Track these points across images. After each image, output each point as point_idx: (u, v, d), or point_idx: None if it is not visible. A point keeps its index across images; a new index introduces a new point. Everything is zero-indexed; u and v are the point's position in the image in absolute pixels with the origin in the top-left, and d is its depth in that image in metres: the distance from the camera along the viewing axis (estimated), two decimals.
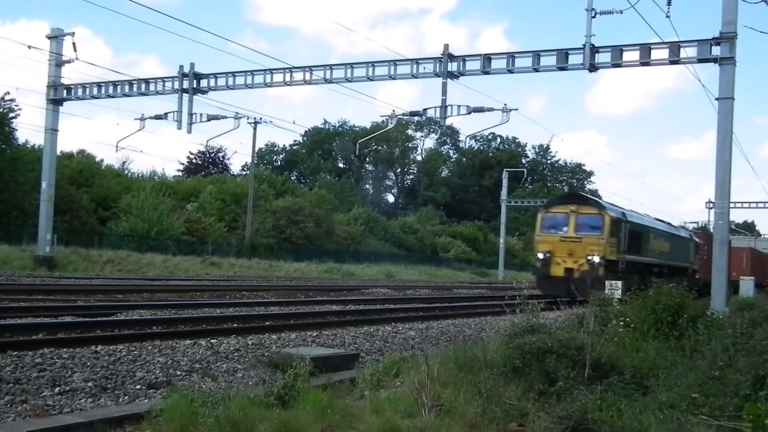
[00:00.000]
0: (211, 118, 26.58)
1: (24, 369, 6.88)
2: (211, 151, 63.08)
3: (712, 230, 25.11)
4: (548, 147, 75.09)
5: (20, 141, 38.23)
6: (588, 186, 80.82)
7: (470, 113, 23.98)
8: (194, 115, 25.92)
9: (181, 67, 25.18)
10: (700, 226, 58.22)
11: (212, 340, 9.38)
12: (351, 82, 23.10)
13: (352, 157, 78.26)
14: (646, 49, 19.05)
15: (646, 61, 19.10)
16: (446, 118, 22.77)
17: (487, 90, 46.00)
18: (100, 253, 31.54)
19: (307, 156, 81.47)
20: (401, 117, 31.33)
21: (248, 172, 51.08)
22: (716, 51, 17.41)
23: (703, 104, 73.10)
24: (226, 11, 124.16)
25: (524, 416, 6.00)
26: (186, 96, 25.34)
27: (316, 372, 7.33)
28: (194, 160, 64.32)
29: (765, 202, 55.42)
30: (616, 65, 19.46)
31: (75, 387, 6.61)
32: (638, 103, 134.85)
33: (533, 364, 7.01)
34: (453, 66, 21.79)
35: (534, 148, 75.77)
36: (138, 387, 6.97)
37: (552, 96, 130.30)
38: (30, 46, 34.21)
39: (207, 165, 64.19)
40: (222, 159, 64.75)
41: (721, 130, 17.03)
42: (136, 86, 26.46)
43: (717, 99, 17.05)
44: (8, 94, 34.30)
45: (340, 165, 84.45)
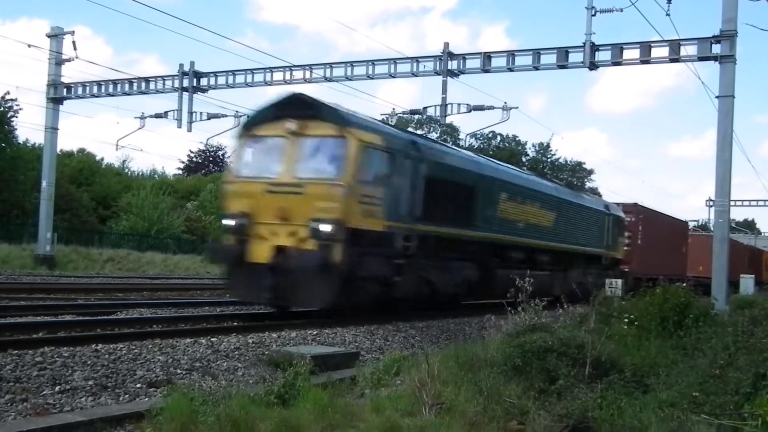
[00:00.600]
0: (211, 116, 26.59)
1: (24, 368, 6.88)
2: (212, 149, 63.06)
3: (713, 228, 24.96)
4: (548, 145, 75.04)
5: (20, 140, 38.32)
6: (588, 184, 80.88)
7: (470, 111, 23.99)
8: (194, 114, 25.95)
9: (181, 65, 25.19)
10: (700, 224, 58.22)
11: (212, 339, 9.37)
12: (351, 80, 23.10)
13: None
14: (646, 47, 19.04)
15: (646, 60, 19.09)
16: (446, 116, 22.77)
17: (488, 88, 46.17)
18: (100, 251, 31.55)
19: None
20: (401, 115, 31.34)
21: None
22: (716, 49, 17.40)
23: (703, 102, 73.29)
24: (226, 10, 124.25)
25: (525, 414, 6.01)
26: (186, 94, 25.36)
27: (316, 370, 7.32)
28: (194, 159, 64.31)
29: (765, 200, 55.44)
30: (617, 63, 19.45)
31: (75, 386, 6.61)
32: (639, 101, 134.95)
33: (534, 363, 7.02)
34: (453, 64, 21.78)
35: (534, 146, 75.75)
36: (138, 385, 6.97)
37: (553, 94, 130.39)
38: (30, 45, 34.52)
39: (207, 163, 64.18)
40: (222, 157, 64.76)
41: (721, 129, 17.02)
42: (136, 85, 26.46)
43: (717, 97, 17.04)
44: (8, 93, 34.41)
45: None
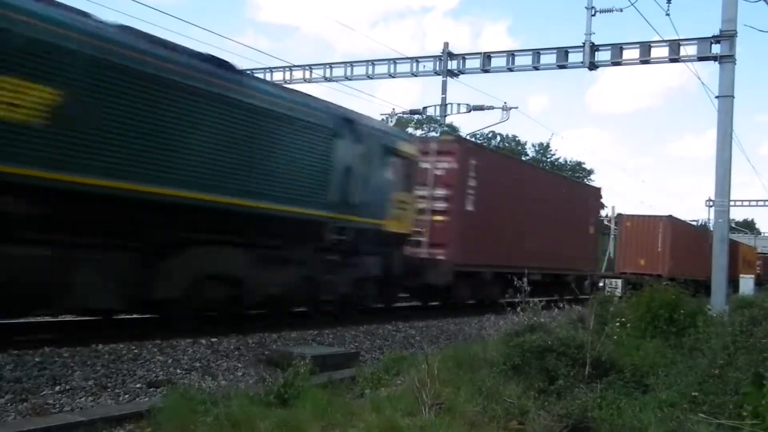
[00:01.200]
0: None
1: (24, 368, 6.89)
2: None
3: (713, 228, 24.88)
4: (548, 145, 75.07)
5: None
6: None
7: (470, 111, 24.07)
8: None
9: None
10: (700, 224, 58.15)
11: (212, 339, 9.38)
12: (351, 80, 23.15)
13: None
14: (646, 47, 19.07)
15: (646, 60, 19.12)
16: (446, 116, 22.80)
17: (488, 88, 46.10)
18: None
19: None
20: (401, 115, 31.38)
21: None
22: (716, 49, 17.43)
23: (704, 102, 73.21)
24: (226, 10, 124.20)
25: (524, 414, 6.01)
26: None
27: (316, 370, 7.33)
28: None
29: (765, 200, 55.49)
30: (616, 63, 19.48)
31: (75, 385, 6.62)
32: (640, 101, 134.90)
33: (533, 363, 7.03)
34: (453, 64, 21.81)
35: (534, 146, 75.79)
36: (138, 385, 6.98)
37: (553, 94, 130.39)
38: None
39: None
40: None
41: (721, 128, 17.04)
42: None
43: (717, 97, 17.06)
44: None
45: None
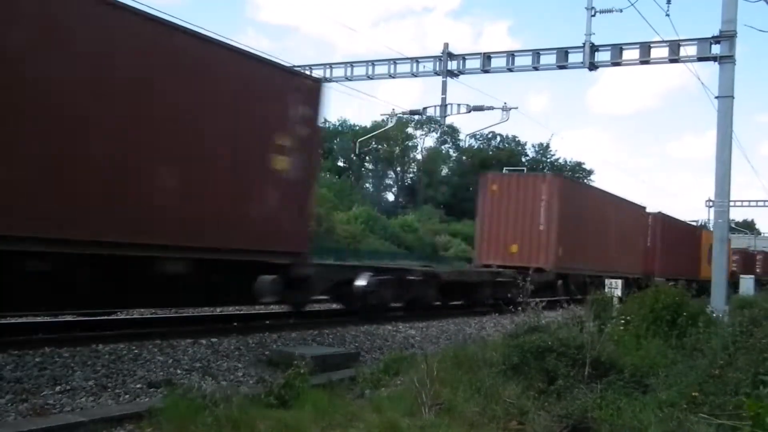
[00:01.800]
0: None
1: (25, 368, 6.89)
2: None
3: (712, 228, 24.93)
4: (548, 145, 75.05)
5: None
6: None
7: (470, 112, 24.05)
8: None
9: None
10: (700, 224, 58.14)
11: (213, 339, 9.38)
12: (350, 80, 23.13)
13: (352, 155, 78.16)
14: (645, 47, 19.07)
15: (645, 60, 19.11)
16: (446, 116, 22.81)
17: (489, 88, 46.17)
18: None
19: None
20: (401, 116, 31.40)
21: None
22: (716, 49, 17.42)
23: (704, 102, 73.36)
24: (227, 9, 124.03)
25: (524, 415, 6.02)
26: None
27: (316, 371, 7.33)
28: None
29: (765, 201, 55.49)
30: (616, 64, 19.48)
31: (75, 386, 6.62)
32: (640, 102, 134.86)
33: (533, 363, 7.03)
34: (453, 64, 21.81)
35: (534, 146, 75.74)
36: (138, 386, 6.98)
37: (554, 94, 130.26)
38: None
39: None
40: None
41: (720, 129, 17.04)
42: None
43: (717, 97, 17.06)
44: None
45: (340, 164, 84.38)
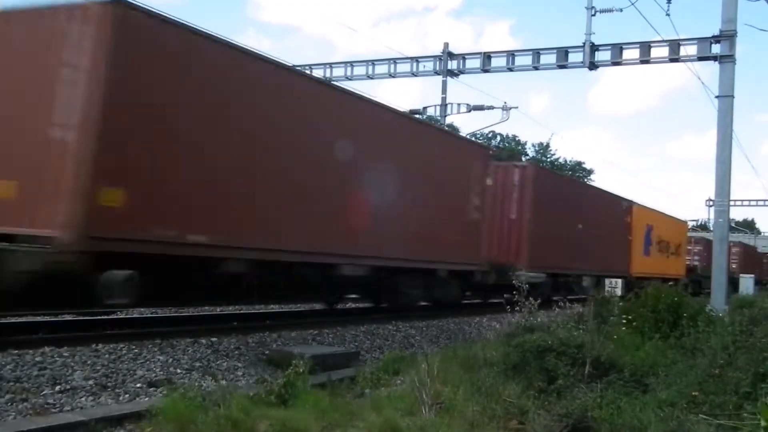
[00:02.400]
0: None
1: (24, 367, 6.88)
2: None
3: (712, 228, 24.94)
4: (548, 145, 75.09)
5: None
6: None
7: (470, 111, 24.07)
8: None
9: None
10: (699, 224, 58.20)
11: (213, 339, 9.38)
12: (351, 80, 23.15)
13: None
14: (646, 47, 19.07)
15: (646, 59, 19.12)
16: (446, 116, 22.81)
17: (489, 88, 46.26)
18: None
19: None
20: None
21: None
22: (716, 49, 17.43)
23: (705, 102, 73.22)
24: (227, 10, 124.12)
25: (524, 414, 6.02)
26: None
27: (316, 370, 7.33)
28: None
29: (765, 200, 55.49)
30: (616, 63, 19.48)
31: (75, 385, 6.61)
32: (641, 101, 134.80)
33: (533, 362, 7.04)
34: (453, 64, 21.82)
35: (534, 146, 75.79)
36: (138, 385, 6.97)
37: (555, 94, 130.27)
38: None
39: None
40: None
41: (721, 128, 17.04)
42: None
43: (717, 97, 17.06)
44: None
45: None
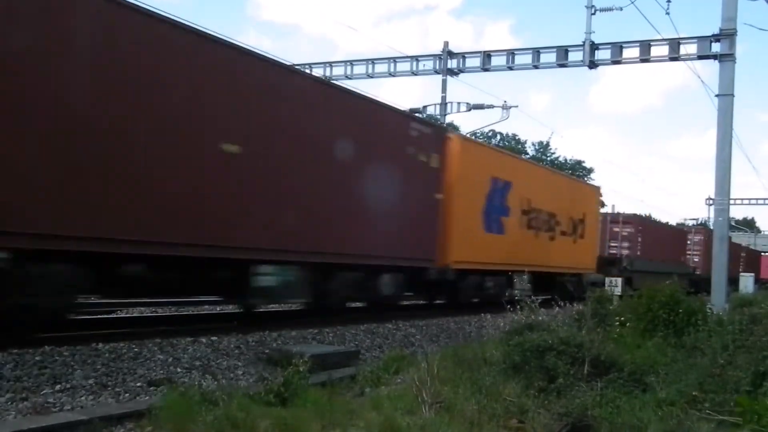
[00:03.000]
0: None
1: (24, 366, 6.89)
2: None
3: (713, 227, 24.93)
4: (548, 144, 75.04)
5: None
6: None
7: (470, 110, 24.04)
8: None
9: None
10: (699, 223, 58.19)
11: (213, 338, 9.39)
12: (351, 79, 23.14)
13: None
14: (645, 45, 19.07)
15: (646, 58, 19.12)
16: (446, 115, 22.80)
17: (491, 87, 46.29)
18: None
19: None
20: None
21: None
22: (716, 48, 17.42)
23: (706, 101, 73.23)
24: (228, 8, 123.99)
25: (524, 413, 6.02)
26: None
27: (316, 369, 7.33)
28: None
29: (765, 199, 55.49)
30: (616, 62, 19.49)
31: (75, 384, 6.62)
32: (642, 100, 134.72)
33: (533, 361, 7.04)
34: (453, 63, 21.82)
35: (534, 144, 75.75)
36: (138, 384, 6.98)
37: (555, 93, 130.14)
38: None
39: None
40: None
41: (721, 127, 17.04)
42: None
43: (717, 96, 17.06)
44: None
45: None
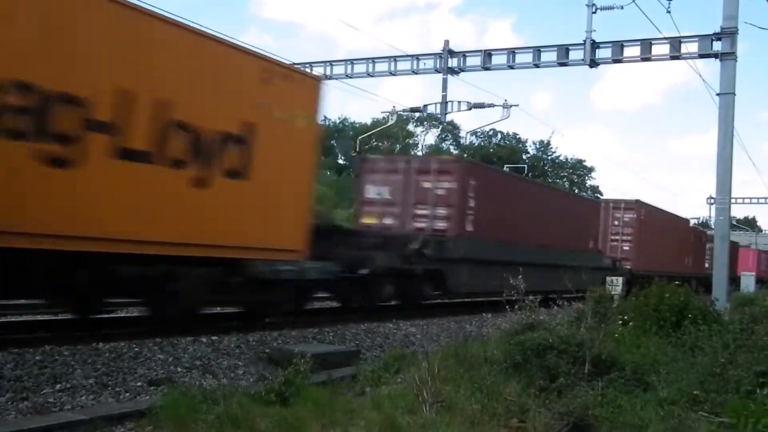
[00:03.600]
0: None
1: (25, 366, 6.89)
2: None
3: (713, 226, 24.89)
4: (549, 143, 74.95)
5: None
6: (589, 182, 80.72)
7: (471, 109, 24.03)
8: None
9: None
10: (701, 222, 58.17)
11: (213, 337, 9.38)
12: (351, 78, 23.11)
13: (353, 153, 78.09)
14: (646, 44, 19.03)
15: (647, 57, 19.09)
16: (447, 114, 22.79)
17: (492, 86, 46.19)
18: None
19: None
20: (402, 113, 31.41)
21: None
22: (717, 46, 17.38)
23: (708, 99, 73.17)
24: (231, 7, 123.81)
25: (525, 412, 6.01)
26: None
27: (316, 368, 7.33)
28: None
29: (766, 198, 55.39)
30: (617, 61, 19.46)
31: (76, 384, 6.62)
32: (644, 99, 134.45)
33: (534, 361, 7.03)
34: (453, 62, 21.78)
35: (535, 143, 75.64)
36: (139, 384, 6.98)
37: (557, 92, 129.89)
38: None
39: None
40: None
41: (722, 126, 17.01)
42: None
43: (718, 95, 17.04)
44: None
45: (341, 161, 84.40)
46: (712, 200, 46.13)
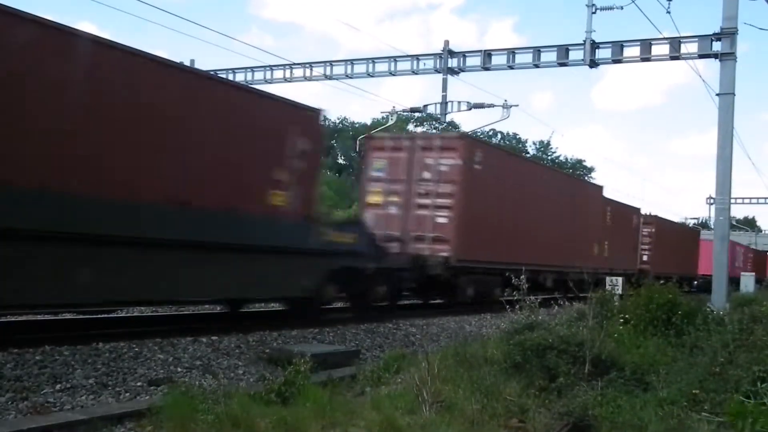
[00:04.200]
0: None
1: (25, 366, 6.89)
2: None
3: (713, 226, 24.85)
4: (549, 143, 74.96)
5: None
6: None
7: (470, 109, 24.00)
8: None
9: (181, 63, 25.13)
10: (700, 222, 58.21)
11: (213, 337, 9.38)
12: (351, 78, 23.11)
13: (353, 153, 78.13)
14: (646, 44, 19.04)
15: (646, 57, 19.09)
16: (447, 114, 22.78)
17: (491, 86, 46.13)
18: None
19: None
20: (402, 113, 31.37)
21: None
22: (717, 47, 17.39)
23: (708, 100, 73.11)
24: (230, 7, 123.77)
25: (525, 412, 6.02)
26: None
27: (316, 368, 7.33)
28: None
29: (766, 198, 55.39)
30: (617, 61, 19.46)
31: (76, 384, 6.62)
32: (644, 99, 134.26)
33: (533, 360, 7.04)
34: (453, 62, 21.78)
35: (535, 144, 75.68)
36: (139, 384, 6.98)
37: (557, 92, 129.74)
38: None
39: None
40: None
41: (721, 126, 17.02)
42: None
43: (718, 95, 17.04)
44: None
45: (340, 161, 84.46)
46: (711, 200, 46.16)
